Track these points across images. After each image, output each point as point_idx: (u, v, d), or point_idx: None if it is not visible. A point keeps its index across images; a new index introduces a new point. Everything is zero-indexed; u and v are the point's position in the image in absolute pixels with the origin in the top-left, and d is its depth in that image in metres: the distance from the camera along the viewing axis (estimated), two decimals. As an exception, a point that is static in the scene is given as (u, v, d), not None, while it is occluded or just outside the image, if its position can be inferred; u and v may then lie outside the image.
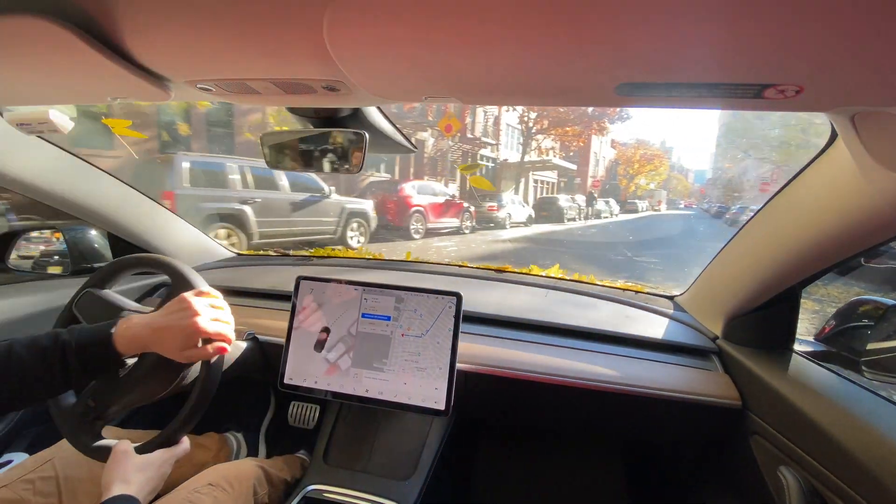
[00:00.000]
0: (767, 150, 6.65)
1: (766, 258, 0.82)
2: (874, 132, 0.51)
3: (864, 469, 0.59)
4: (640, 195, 27.23)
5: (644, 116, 46.45)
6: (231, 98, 0.65)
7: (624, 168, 27.36)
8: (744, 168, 30.12)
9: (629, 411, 0.97)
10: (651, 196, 28.53)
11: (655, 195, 29.08)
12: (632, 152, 27.71)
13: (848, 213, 0.63)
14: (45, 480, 0.77)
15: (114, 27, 0.46)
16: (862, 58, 0.36)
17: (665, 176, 30.60)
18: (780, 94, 0.43)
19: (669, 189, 35.45)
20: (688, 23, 0.33)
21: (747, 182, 30.06)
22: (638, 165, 27.05)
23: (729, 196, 29.50)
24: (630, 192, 26.77)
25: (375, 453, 0.96)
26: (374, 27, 0.39)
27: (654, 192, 29.30)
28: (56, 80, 0.60)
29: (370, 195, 8.16)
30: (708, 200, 35.77)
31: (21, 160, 0.98)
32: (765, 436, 0.80)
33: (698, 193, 40.74)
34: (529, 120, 17.00)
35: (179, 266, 0.84)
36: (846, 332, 0.83)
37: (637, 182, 27.12)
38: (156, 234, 1.32)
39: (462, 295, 0.92)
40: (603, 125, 18.74)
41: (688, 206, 33.90)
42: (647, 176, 27.36)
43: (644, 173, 27.13)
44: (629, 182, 27.01)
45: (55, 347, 0.63)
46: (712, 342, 1.02)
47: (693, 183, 46.48)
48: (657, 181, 29.02)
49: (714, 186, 36.61)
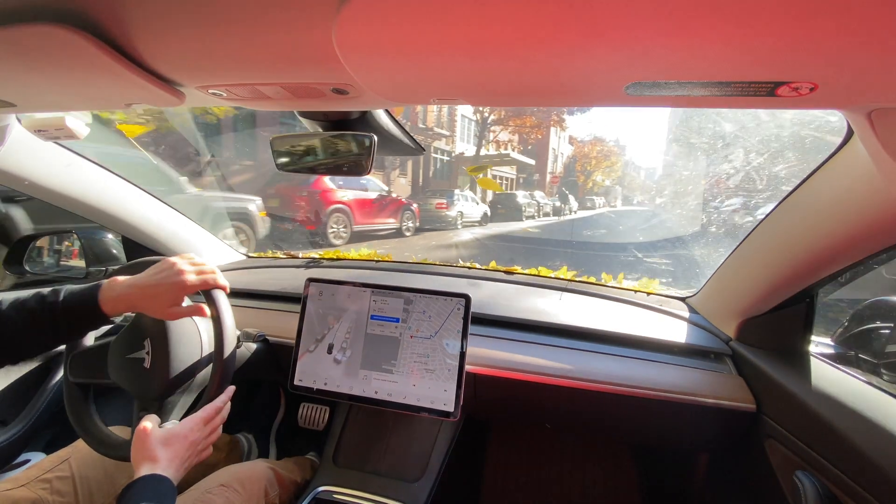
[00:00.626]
0: (721, 148, 6.54)
1: (781, 258, 0.81)
2: (892, 129, 0.50)
3: (883, 474, 0.57)
4: (596, 192, 26.92)
5: (601, 112, 45.89)
6: (242, 103, 0.66)
7: (581, 164, 27.14)
8: (694, 166, 29.95)
9: (641, 414, 0.95)
10: (607, 193, 28.32)
11: (611, 192, 28.82)
12: (589, 148, 27.50)
13: (865, 212, 0.62)
14: (61, 480, 0.78)
15: (128, 34, 0.47)
16: (879, 53, 0.35)
17: (620, 173, 30.59)
18: (793, 92, 0.42)
19: (624, 186, 35.21)
20: (699, 19, 0.33)
21: (697, 179, 29.79)
22: (595, 162, 26.86)
23: (683, 192, 29.28)
24: (587, 188, 26.59)
25: (385, 455, 0.96)
26: (383, 31, 0.39)
27: (611, 188, 29.10)
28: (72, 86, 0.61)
29: (272, 189, 6.53)
30: (660, 197, 35.56)
31: (38, 165, 1.00)
32: (780, 440, 0.79)
33: (651, 190, 40.61)
34: (485, 110, 16.24)
35: None
36: (864, 333, 0.81)
37: (594, 179, 26.93)
38: (167, 237, 1.34)
39: (471, 296, 0.92)
40: (561, 117, 18.47)
41: (640, 202, 33.86)
42: (603, 172, 27.23)
43: (601, 170, 26.98)
44: (586, 179, 26.78)
45: (42, 309, 0.65)
46: (725, 344, 1.01)
47: (645, 181, 46.53)
48: (613, 178, 28.95)
49: (667, 183, 36.41)
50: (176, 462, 0.63)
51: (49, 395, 1.10)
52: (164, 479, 0.59)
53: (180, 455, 0.64)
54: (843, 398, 0.71)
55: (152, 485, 0.58)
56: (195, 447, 0.68)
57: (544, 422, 1.14)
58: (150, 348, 0.81)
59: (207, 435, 0.71)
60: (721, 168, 6.70)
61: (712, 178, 9.20)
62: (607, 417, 1.01)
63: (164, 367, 0.80)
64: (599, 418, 1.03)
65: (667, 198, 27.03)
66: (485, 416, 1.18)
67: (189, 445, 0.66)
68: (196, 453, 0.68)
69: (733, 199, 4.87)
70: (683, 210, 11.97)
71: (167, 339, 0.82)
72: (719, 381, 0.92)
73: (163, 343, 0.81)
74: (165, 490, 0.58)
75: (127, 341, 0.82)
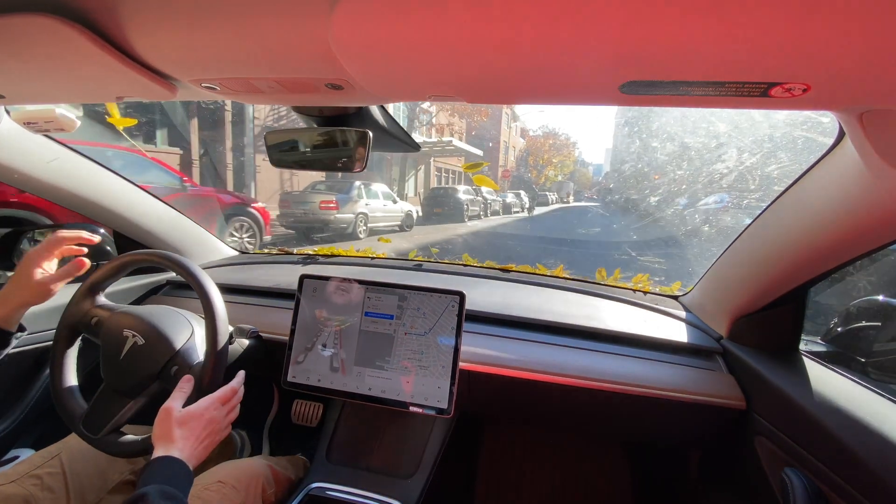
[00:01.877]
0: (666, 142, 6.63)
1: (772, 258, 0.82)
2: (882, 131, 0.51)
3: (870, 472, 0.58)
4: (548, 187, 26.32)
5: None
6: (236, 97, 0.66)
7: (534, 158, 26.38)
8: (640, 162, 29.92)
9: (633, 411, 0.96)
10: (560, 188, 27.80)
11: (564, 187, 28.39)
12: (541, 142, 26.75)
13: (855, 213, 0.62)
14: (52, 476, 0.78)
15: (120, 26, 0.46)
16: (870, 56, 0.35)
17: (572, 168, 29.92)
18: (786, 93, 0.42)
19: (575, 181, 34.26)
20: (694, 19, 0.33)
21: (644, 174, 29.82)
22: (548, 155, 26.13)
23: (630, 187, 29.05)
24: (540, 183, 25.84)
25: (378, 451, 0.97)
26: (378, 27, 0.39)
27: (563, 183, 28.62)
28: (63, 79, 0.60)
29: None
30: (609, 191, 35.68)
31: (28, 158, 0.99)
32: (769, 437, 0.80)
33: (599, 185, 41.00)
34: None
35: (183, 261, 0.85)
36: (853, 333, 0.83)
37: (546, 173, 26.20)
38: (161, 232, 1.33)
39: (465, 294, 0.92)
40: (511, 105, 17.90)
41: (589, 197, 33.98)
42: (555, 167, 26.54)
43: (554, 164, 26.27)
44: (539, 173, 26.07)
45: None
46: (717, 342, 1.02)
47: (593, 176, 46.88)
48: (565, 172, 28.27)
49: (617, 179, 36.63)
50: (191, 440, 0.63)
51: (38, 391, 1.09)
52: (175, 461, 0.59)
53: (196, 433, 0.65)
54: (832, 396, 0.72)
55: (163, 467, 0.58)
56: (213, 426, 0.68)
57: (538, 419, 1.15)
58: (133, 332, 0.81)
59: (226, 414, 0.71)
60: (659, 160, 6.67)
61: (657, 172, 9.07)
62: (600, 414, 1.02)
63: (158, 335, 0.80)
64: (592, 415, 1.04)
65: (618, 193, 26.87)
66: (478, 412, 1.19)
67: (206, 424, 0.67)
68: (215, 432, 0.68)
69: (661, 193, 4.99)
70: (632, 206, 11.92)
71: (145, 318, 0.83)
72: (710, 378, 0.93)
73: (144, 324, 0.82)
74: (177, 471, 0.58)
75: (109, 349, 0.81)
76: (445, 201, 11.03)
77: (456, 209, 10.79)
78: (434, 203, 10.91)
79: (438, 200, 11.03)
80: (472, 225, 10.83)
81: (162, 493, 0.53)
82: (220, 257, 1.56)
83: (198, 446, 0.64)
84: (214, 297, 0.81)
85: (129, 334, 0.80)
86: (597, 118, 63.65)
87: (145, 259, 0.88)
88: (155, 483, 0.54)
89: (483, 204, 12.68)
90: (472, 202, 11.76)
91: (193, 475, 0.62)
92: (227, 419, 0.72)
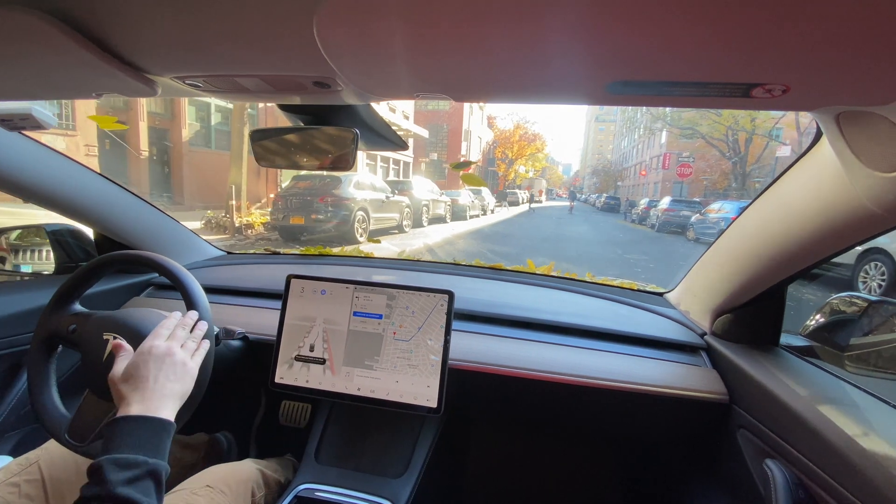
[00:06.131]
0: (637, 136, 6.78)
1: (753, 255, 0.83)
2: (858, 131, 0.52)
3: (847, 461, 0.60)
4: (519, 184, 23.26)
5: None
6: (220, 95, 0.64)
7: (502, 151, 23.08)
8: (610, 161, 29.18)
9: (619, 407, 0.98)
10: (531, 185, 24.47)
11: (535, 184, 25.34)
12: (510, 132, 23.40)
13: (832, 211, 0.64)
14: (30, 483, 0.76)
15: (98, 20, 0.45)
16: (847, 58, 0.36)
17: (544, 163, 27.25)
18: (767, 94, 0.43)
19: (546, 178, 31.74)
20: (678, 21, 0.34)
21: (615, 173, 29.08)
22: (517, 147, 22.79)
23: (603, 186, 27.91)
24: (510, 179, 23.02)
25: (367, 451, 0.96)
26: (364, 24, 0.38)
27: (535, 180, 25.69)
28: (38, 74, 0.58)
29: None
30: (581, 190, 35.06)
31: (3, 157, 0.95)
32: (751, 430, 0.82)
33: (569, 184, 40.96)
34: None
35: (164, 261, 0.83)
36: (830, 327, 0.85)
37: (516, 169, 23.11)
38: (143, 232, 1.30)
39: (454, 293, 0.92)
40: None
41: (559, 196, 33.39)
42: (526, 162, 23.64)
43: (524, 157, 23.20)
44: (508, 168, 23.00)
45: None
46: (700, 338, 1.04)
47: (563, 175, 46.76)
48: (537, 168, 25.57)
49: (592, 177, 36.50)
50: (145, 383, 0.56)
51: (15, 397, 1.05)
52: (129, 420, 0.52)
53: (146, 374, 0.57)
54: (810, 389, 0.74)
55: (116, 434, 0.51)
56: (169, 357, 0.60)
57: (527, 416, 1.16)
58: (114, 335, 0.77)
59: (187, 338, 0.65)
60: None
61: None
62: (587, 411, 1.03)
63: (140, 337, 0.75)
64: (579, 411, 1.05)
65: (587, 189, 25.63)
66: (468, 411, 1.19)
67: (156, 359, 0.59)
68: (175, 363, 0.60)
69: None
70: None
71: (124, 320, 0.80)
72: (694, 373, 0.95)
73: (124, 326, 0.79)
74: (134, 429, 0.52)
75: (90, 355, 0.78)
76: (319, 207, 6.28)
77: (340, 220, 6.31)
78: (296, 208, 6.28)
79: (304, 204, 6.28)
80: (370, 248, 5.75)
81: (114, 462, 0.47)
82: (204, 257, 1.53)
83: (155, 385, 0.56)
84: (198, 296, 0.79)
85: (109, 337, 0.78)
86: (568, 116, 63.70)
87: (121, 260, 0.85)
88: (110, 453, 0.48)
89: (409, 210, 7.92)
90: (381, 206, 7.12)
91: (172, 422, 0.54)
92: (191, 344, 0.64)
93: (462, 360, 0.97)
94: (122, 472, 0.46)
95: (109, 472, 0.46)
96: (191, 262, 1.46)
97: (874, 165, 0.53)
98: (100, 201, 1.18)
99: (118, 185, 1.21)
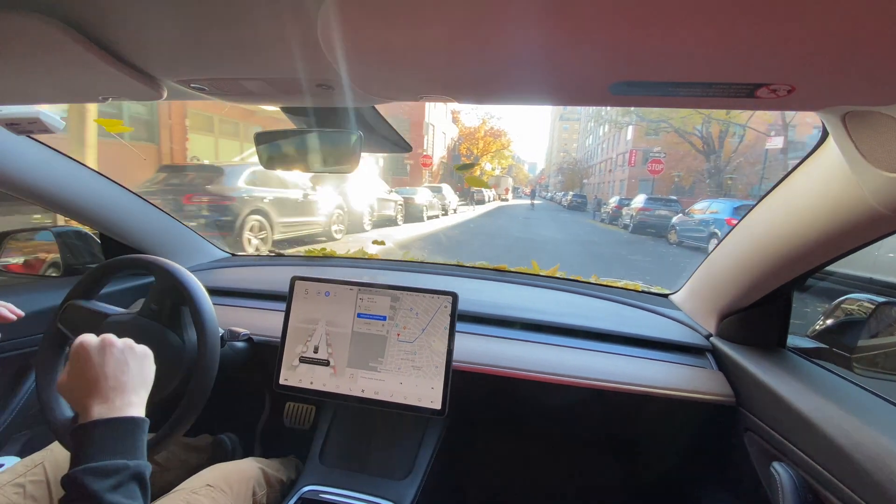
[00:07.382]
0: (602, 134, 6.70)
1: (759, 256, 0.83)
2: (864, 131, 0.52)
3: (855, 464, 0.59)
4: (485, 181, 21.82)
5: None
6: (225, 98, 0.65)
7: (467, 147, 22.15)
8: (576, 159, 28.76)
9: (626, 409, 0.97)
10: (497, 183, 24.20)
11: (502, 182, 24.98)
12: (476, 128, 22.51)
13: (839, 212, 0.64)
14: (35, 484, 0.76)
15: (106, 25, 0.45)
16: (853, 58, 0.36)
17: (511, 161, 26.75)
18: (772, 94, 0.43)
19: (513, 177, 31.21)
20: (682, 21, 0.34)
21: (581, 171, 28.94)
22: (483, 144, 21.90)
23: (569, 184, 27.90)
24: (475, 176, 21.92)
25: (372, 453, 0.96)
26: (367, 26, 0.39)
27: (501, 178, 25.41)
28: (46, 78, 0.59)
29: None
30: (546, 188, 34.45)
31: (11, 160, 0.96)
32: (758, 432, 0.81)
33: (535, 182, 40.40)
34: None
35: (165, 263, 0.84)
36: (837, 329, 0.84)
37: (482, 166, 22.10)
38: (148, 235, 1.31)
39: (458, 294, 0.92)
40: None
41: (525, 194, 32.38)
42: (492, 159, 23.01)
43: (490, 153, 22.39)
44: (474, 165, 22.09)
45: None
46: (706, 340, 1.03)
47: (529, 174, 46.13)
48: (503, 165, 24.98)
49: (557, 175, 35.97)
50: (97, 385, 0.51)
51: (23, 399, 1.06)
52: (93, 423, 0.48)
53: (97, 374, 0.52)
54: (817, 391, 0.74)
55: (85, 438, 0.47)
56: (109, 346, 0.55)
57: (532, 418, 1.15)
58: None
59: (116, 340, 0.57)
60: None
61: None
62: (593, 413, 1.03)
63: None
64: (585, 413, 1.04)
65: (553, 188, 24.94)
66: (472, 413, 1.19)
67: (98, 353, 0.54)
68: (122, 348, 0.55)
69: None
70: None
71: (133, 321, 0.80)
72: (700, 375, 0.94)
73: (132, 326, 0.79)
74: (100, 433, 0.48)
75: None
76: (186, 210, 4.63)
77: (217, 228, 4.67)
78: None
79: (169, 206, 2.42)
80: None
81: (93, 472, 0.45)
82: (209, 259, 1.54)
83: (107, 382, 0.52)
84: (202, 299, 0.80)
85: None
86: (532, 116, 62.88)
87: (125, 265, 0.86)
88: (82, 463, 0.45)
89: (341, 213, 6.70)
90: (295, 207, 5.67)
91: (142, 417, 0.51)
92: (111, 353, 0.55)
93: (466, 361, 0.96)
94: (104, 480, 0.44)
95: (91, 483, 0.44)
96: (195, 264, 1.47)
97: (881, 166, 0.52)
98: (106, 204, 1.19)
99: (124, 188, 1.22)
